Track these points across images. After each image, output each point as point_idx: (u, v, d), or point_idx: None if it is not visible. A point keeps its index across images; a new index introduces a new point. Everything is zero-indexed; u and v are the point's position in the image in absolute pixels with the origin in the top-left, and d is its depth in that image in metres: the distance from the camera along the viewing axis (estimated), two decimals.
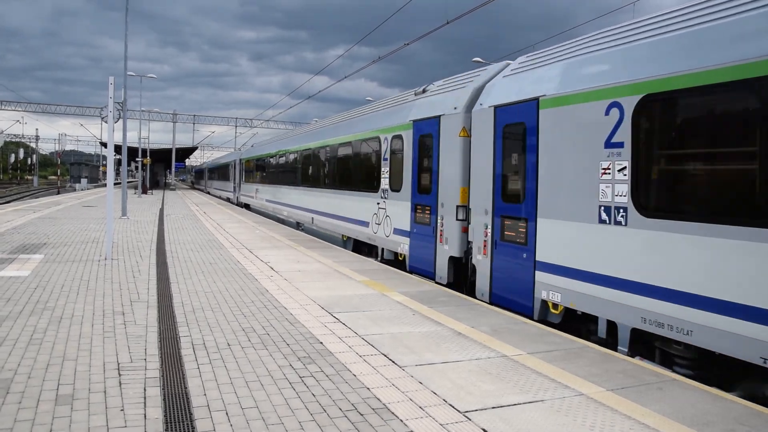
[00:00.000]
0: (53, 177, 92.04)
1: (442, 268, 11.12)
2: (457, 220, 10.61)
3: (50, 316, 7.30)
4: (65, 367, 5.45)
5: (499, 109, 9.42)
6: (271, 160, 29.23)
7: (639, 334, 6.80)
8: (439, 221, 11.21)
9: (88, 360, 5.65)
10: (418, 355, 6.17)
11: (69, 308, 7.72)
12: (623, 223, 6.89)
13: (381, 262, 13.70)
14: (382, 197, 13.96)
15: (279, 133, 56.39)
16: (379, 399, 4.94)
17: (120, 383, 5.05)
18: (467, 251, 10.43)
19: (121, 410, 4.48)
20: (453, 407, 4.80)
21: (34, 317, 7.19)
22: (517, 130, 8.99)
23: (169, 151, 66.78)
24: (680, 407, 4.92)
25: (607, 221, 7.13)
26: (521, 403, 4.93)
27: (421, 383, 5.34)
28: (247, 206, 36.76)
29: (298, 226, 22.47)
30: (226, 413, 4.51)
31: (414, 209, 12.27)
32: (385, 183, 13.86)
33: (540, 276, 8.34)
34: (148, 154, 52.98)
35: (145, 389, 4.94)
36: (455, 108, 10.88)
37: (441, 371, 5.69)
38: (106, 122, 13.52)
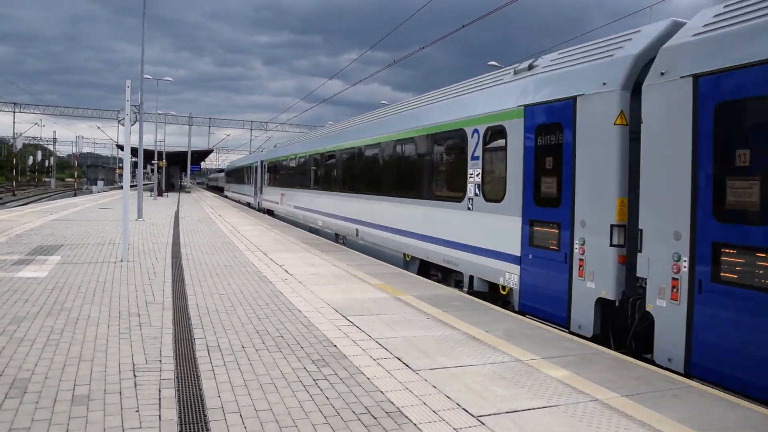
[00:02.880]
0: (70, 179, 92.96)
1: (582, 313, 7.94)
2: (611, 245, 7.52)
3: (67, 317, 7.37)
4: (81, 367, 5.50)
5: (706, 79, 6.33)
6: (302, 161, 24.97)
7: None
8: (576, 246, 8.05)
9: (104, 361, 5.70)
10: (432, 359, 6.16)
11: (85, 309, 7.80)
12: None
13: (467, 293, 10.46)
14: (468, 208, 10.69)
15: (294, 136, 56.46)
16: (392, 402, 4.94)
17: (135, 384, 5.09)
18: (629, 290, 7.50)
19: (137, 411, 4.52)
20: (467, 411, 4.79)
21: (51, 318, 7.27)
22: (753, 109, 6.02)
23: (185, 153, 67.23)
24: (696, 414, 4.87)
25: None
26: (535, 408, 4.91)
27: (434, 387, 5.34)
28: (270, 212, 32.88)
29: (337, 238, 18.96)
30: (240, 415, 4.54)
31: (528, 227, 9.05)
32: (473, 190, 10.53)
33: None
34: (164, 156, 53.44)
35: (160, 390, 4.98)
36: (604, 84, 7.79)
37: (455, 375, 5.68)
38: (122, 125, 13.64)
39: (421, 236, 12.60)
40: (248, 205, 42.08)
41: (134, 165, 40.23)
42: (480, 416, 4.71)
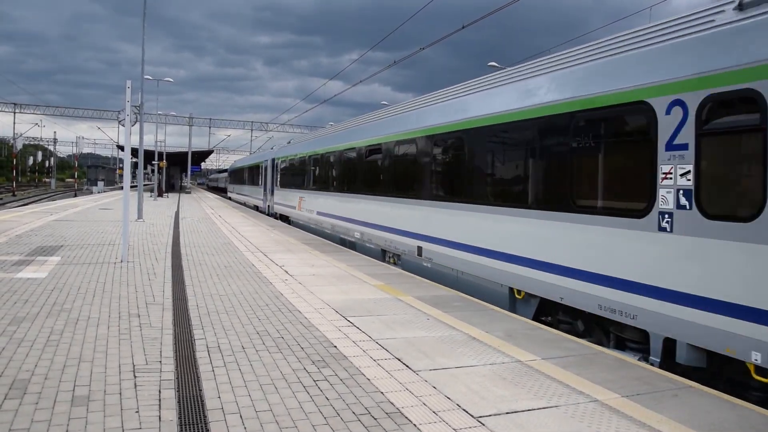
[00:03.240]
0: (70, 180, 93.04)
1: None
2: None
3: (67, 317, 7.37)
4: (81, 368, 5.50)
5: None
6: (330, 158, 20.02)
7: None
8: None
9: (103, 362, 5.70)
10: (432, 360, 6.16)
11: (85, 310, 7.80)
12: None
13: (659, 367, 6.61)
14: (664, 228, 6.66)
15: (295, 136, 56.31)
16: (392, 403, 4.94)
17: (135, 385, 5.09)
18: None
19: (136, 412, 4.51)
20: (467, 412, 4.79)
21: (51, 319, 7.27)
22: None
23: (185, 154, 67.25)
24: (696, 414, 4.87)
25: None
26: (535, 409, 4.90)
27: (434, 388, 5.33)
28: (285, 219, 27.68)
29: (384, 256, 14.84)
30: (240, 416, 4.53)
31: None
32: (674, 198, 6.56)
33: None
34: (164, 157, 53.44)
35: (160, 391, 4.97)
36: None
37: (455, 376, 5.67)
38: (123, 125, 13.66)
39: (552, 267, 8.48)
40: (256, 208, 37.53)
41: (134, 165, 40.24)
42: (480, 417, 4.70)
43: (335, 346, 6.54)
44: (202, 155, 77.91)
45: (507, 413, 4.80)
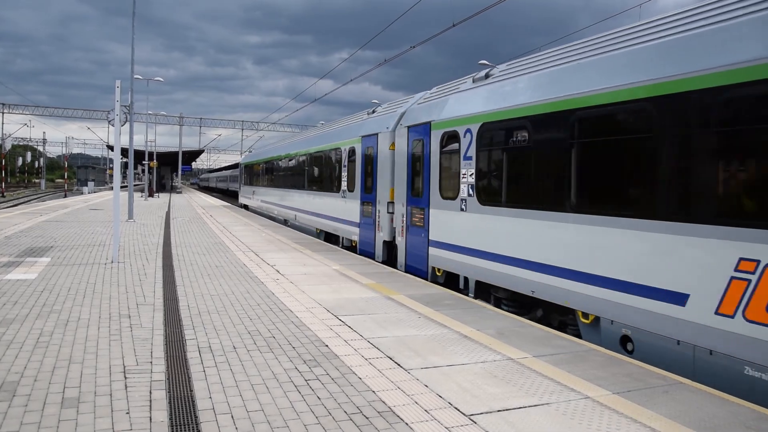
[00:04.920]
0: (60, 180, 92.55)
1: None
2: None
3: (57, 319, 7.32)
4: (71, 370, 5.46)
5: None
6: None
7: None
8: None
9: (94, 363, 5.67)
10: (424, 358, 6.16)
11: (75, 311, 7.75)
12: None
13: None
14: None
15: (285, 135, 55.95)
16: (384, 402, 4.93)
17: (126, 386, 5.06)
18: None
19: (127, 413, 4.49)
20: (458, 410, 4.79)
21: (41, 320, 7.22)
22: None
23: (176, 154, 67.02)
24: (687, 410, 4.89)
25: None
26: (527, 407, 4.91)
27: (426, 386, 5.33)
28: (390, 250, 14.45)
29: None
30: (232, 416, 4.52)
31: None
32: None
33: None
34: (154, 157, 53.26)
35: (150, 392, 4.95)
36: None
37: (446, 374, 5.68)
38: (112, 125, 13.57)
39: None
40: (298, 228, 22.63)
41: (125, 165, 40.07)
42: (472, 415, 4.71)
43: (327, 345, 6.53)
44: (192, 155, 77.69)
45: (499, 411, 4.80)
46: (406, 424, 4.51)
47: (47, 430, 4.15)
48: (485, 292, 10.04)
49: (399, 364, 5.94)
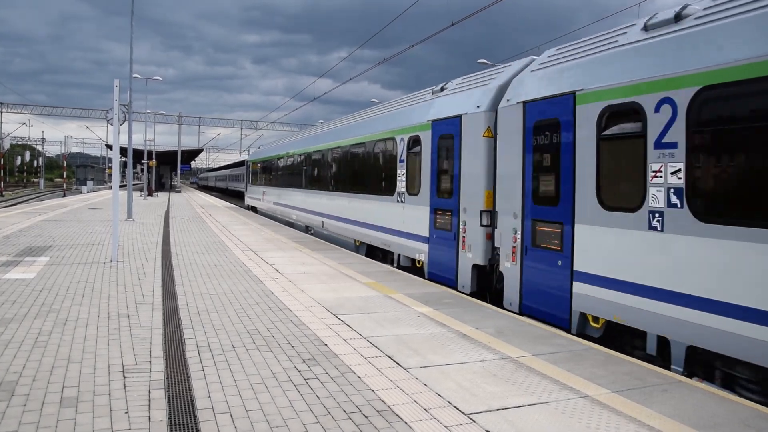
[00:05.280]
0: (59, 179, 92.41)
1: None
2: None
3: (55, 318, 7.31)
4: (70, 369, 5.45)
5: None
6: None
7: None
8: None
9: (92, 362, 5.66)
10: (423, 357, 6.16)
11: (74, 311, 7.74)
12: None
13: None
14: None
15: (285, 134, 55.80)
16: (383, 401, 4.93)
17: (125, 386, 5.06)
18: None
19: (126, 413, 4.48)
20: (457, 409, 4.79)
21: (39, 320, 7.21)
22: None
23: (175, 153, 66.93)
24: (686, 409, 4.89)
25: None
26: (526, 405, 4.91)
27: (425, 385, 5.33)
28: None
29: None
30: (231, 416, 4.51)
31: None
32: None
33: None
34: (153, 156, 53.21)
35: (149, 392, 4.94)
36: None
37: (445, 373, 5.68)
38: (111, 124, 13.56)
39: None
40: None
41: (124, 165, 40.04)
42: (471, 414, 4.71)
43: (326, 344, 6.53)
44: (191, 154, 77.56)
45: (498, 410, 4.80)
46: (406, 422, 4.50)
47: (46, 430, 4.15)
48: (704, 363, 6.34)
49: (398, 363, 5.93)
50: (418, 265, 12.43)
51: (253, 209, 35.20)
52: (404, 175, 13.03)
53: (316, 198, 20.66)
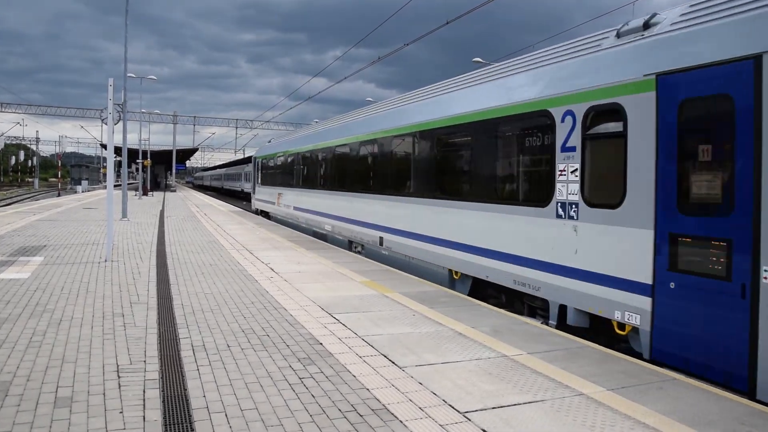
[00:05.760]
0: (54, 179, 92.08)
1: None
2: None
3: (50, 318, 7.29)
4: (64, 369, 5.43)
5: None
6: None
7: None
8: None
9: (87, 362, 5.64)
10: (418, 356, 6.15)
11: (68, 310, 7.71)
12: None
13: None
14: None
15: (283, 133, 55.65)
16: (378, 400, 4.93)
17: (119, 385, 5.04)
18: None
19: (120, 412, 4.47)
20: (453, 408, 4.79)
21: (34, 320, 7.18)
22: None
23: (170, 152, 66.78)
24: (681, 407, 4.90)
25: None
26: (521, 404, 4.91)
27: (420, 384, 5.33)
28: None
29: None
30: (226, 415, 4.50)
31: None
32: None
33: None
34: (148, 155, 53.06)
35: (144, 391, 4.93)
36: None
37: (441, 371, 5.67)
38: (106, 124, 13.55)
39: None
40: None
41: (118, 164, 39.92)
42: (466, 412, 4.71)
43: (321, 344, 6.52)
44: (187, 153, 77.38)
45: (493, 408, 4.80)
46: (401, 421, 4.50)
47: (40, 430, 4.13)
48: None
49: (393, 362, 5.93)
50: (619, 331, 7.16)
51: (264, 214, 28.83)
52: (578, 174, 7.62)
53: (372, 204, 14.63)
